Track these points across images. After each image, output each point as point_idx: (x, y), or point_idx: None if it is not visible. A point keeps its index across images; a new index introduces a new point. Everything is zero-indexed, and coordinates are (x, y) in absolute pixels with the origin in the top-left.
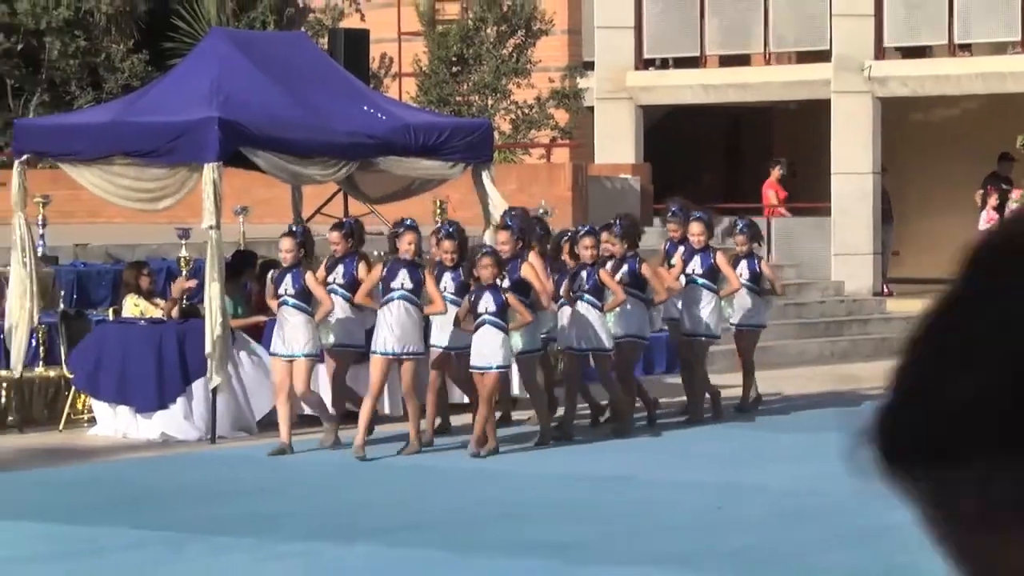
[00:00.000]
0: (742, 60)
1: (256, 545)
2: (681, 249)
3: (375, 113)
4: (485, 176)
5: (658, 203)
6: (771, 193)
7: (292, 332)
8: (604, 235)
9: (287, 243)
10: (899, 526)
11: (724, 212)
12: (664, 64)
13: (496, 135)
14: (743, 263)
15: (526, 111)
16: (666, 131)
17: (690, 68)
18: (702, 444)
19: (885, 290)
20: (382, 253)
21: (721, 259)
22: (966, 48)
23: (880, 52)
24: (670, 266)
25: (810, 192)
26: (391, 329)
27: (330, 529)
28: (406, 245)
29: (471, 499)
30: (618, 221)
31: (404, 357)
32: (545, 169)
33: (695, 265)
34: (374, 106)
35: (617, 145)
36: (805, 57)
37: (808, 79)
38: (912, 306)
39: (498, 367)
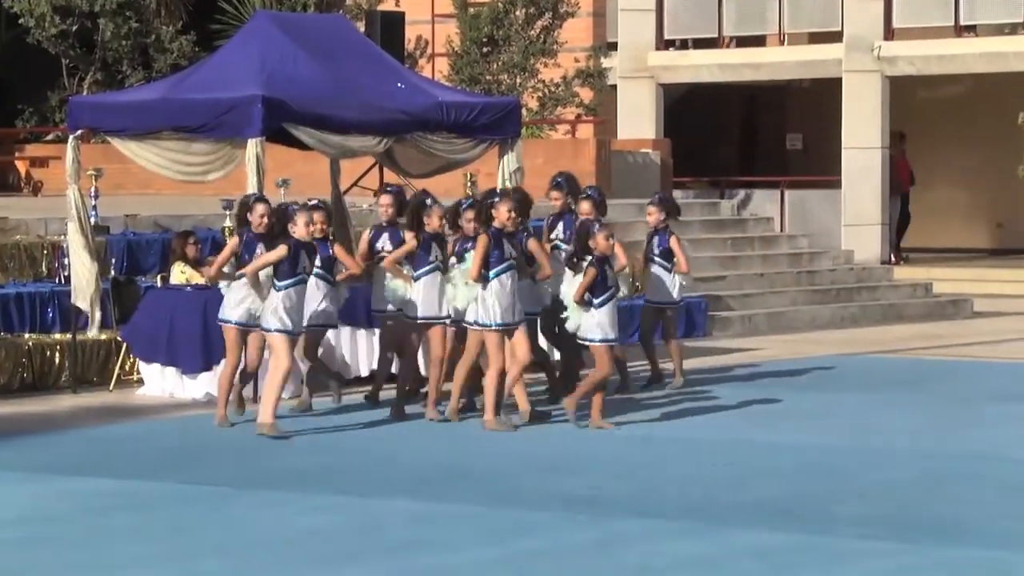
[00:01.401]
0: (758, 41)
1: (300, 499)
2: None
3: (410, 91)
4: (513, 151)
5: (677, 176)
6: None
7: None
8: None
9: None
10: (907, 482)
11: (739, 185)
12: (684, 45)
13: (524, 112)
14: (655, 238)
15: (552, 89)
16: (685, 108)
17: (708, 48)
18: (716, 403)
19: (892, 259)
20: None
21: (674, 242)
22: (971, 29)
23: (889, 33)
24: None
25: (822, 166)
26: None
27: (371, 484)
28: (437, 221)
29: (506, 454)
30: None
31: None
32: (570, 144)
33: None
34: (409, 84)
35: (639, 121)
36: (818, 38)
37: (820, 59)
38: (917, 274)
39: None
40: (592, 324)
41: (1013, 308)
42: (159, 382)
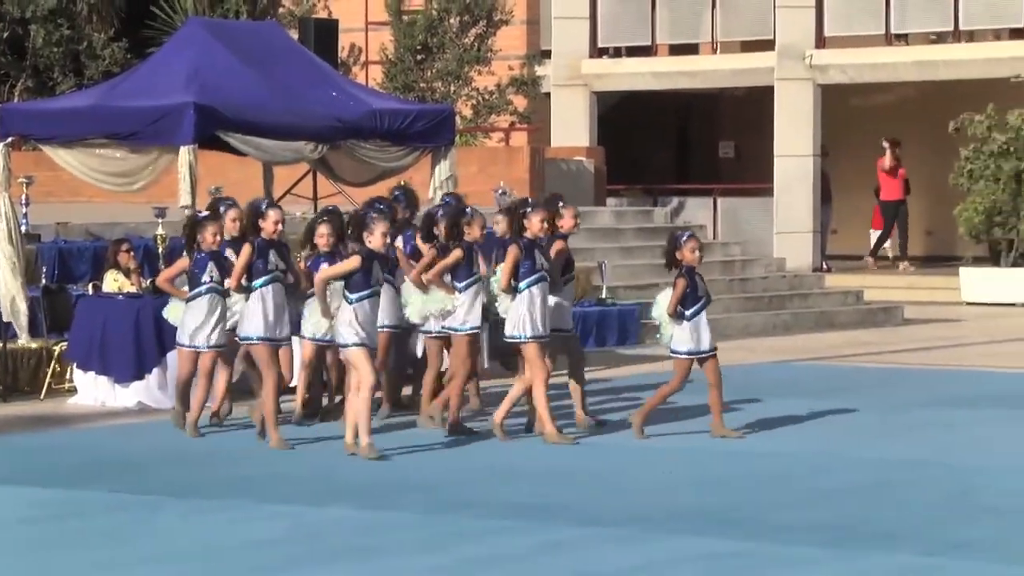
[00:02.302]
0: (691, 49)
1: (239, 507)
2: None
3: (344, 98)
4: (446, 158)
5: (611, 184)
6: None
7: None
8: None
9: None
10: (847, 489)
11: (672, 193)
12: (617, 53)
13: (458, 120)
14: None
15: (487, 97)
16: (619, 116)
17: (642, 56)
18: (663, 412)
19: (824, 266)
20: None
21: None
22: (902, 38)
23: (821, 41)
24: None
25: (754, 174)
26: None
27: (313, 492)
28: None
29: (452, 463)
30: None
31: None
32: (504, 152)
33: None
34: (343, 92)
35: (572, 129)
36: (750, 46)
37: (753, 67)
38: (848, 281)
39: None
40: (683, 336)
41: (943, 315)
42: (92, 391)
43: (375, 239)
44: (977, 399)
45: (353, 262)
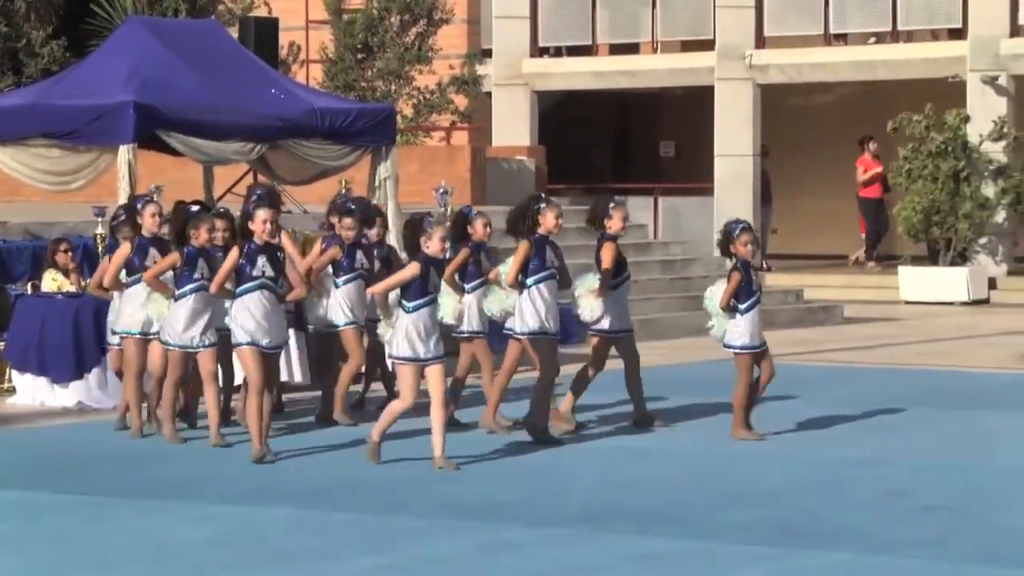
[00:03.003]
0: (632, 49)
1: (180, 508)
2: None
3: (284, 97)
4: (387, 157)
5: (552, 183)
6: (860, 169)
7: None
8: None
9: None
10: (789, 487)
11: (613, 192)
12: (558, 52)
13: (399, 119)
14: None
15: (427, 96)
16: (560, 115)
17: (582, 56)
18: (594, 411)
19: (764, 266)
20: (296, 232)
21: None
22: (841, 38)
23: (760, 41)
24: None
25: (694, 173)
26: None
27: (255, 492)
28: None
29: (394, 463)
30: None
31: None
32: (445, 151)
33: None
34: (283, 91)
35: (513, 128)
36: (690, 46)
37: (693, 67)
38: (788, 280)
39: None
40: (737, 331)
41: (882, 314)
42: (31, 391)
43: (433, 245)
44: (916, 397)
45: (412, 269)
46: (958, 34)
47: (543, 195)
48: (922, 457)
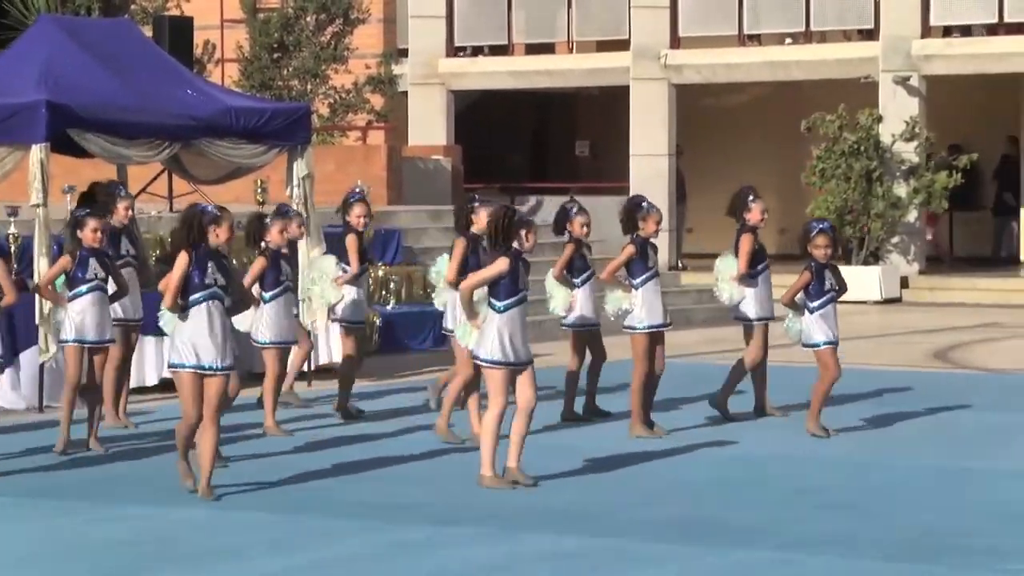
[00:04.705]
0: (548, 48)
1: (88, 509)
2: None
3: (199, 97)
4: (303, 157)
5: (469, 183)
6: None
7: None
8: None
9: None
10: (700, 484)
11: (530, 192)
12: (474, 52)
13: (315, 118)
14: None
15: (344, 95)
16: (476, 115)
17: (499, 55)
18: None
19: (680, 264)
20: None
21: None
22: (755, 38)
23: (675, 41)
24: None
25: (611, 173)
26: None
27: (164, 493)
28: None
29: (308, 463)
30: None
31: None
32: (361, 151)
33: None
34: (197, 90)
35: (430, 128)
36: (606, 46)
37: (609, 67)
38: (704, 279)
39: None
40: (813, 328)
41: None
42: None
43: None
44: (795, 395)
45: (500, 265)
46: (870, 35)
47: (642, 199)
48: (833, 455)
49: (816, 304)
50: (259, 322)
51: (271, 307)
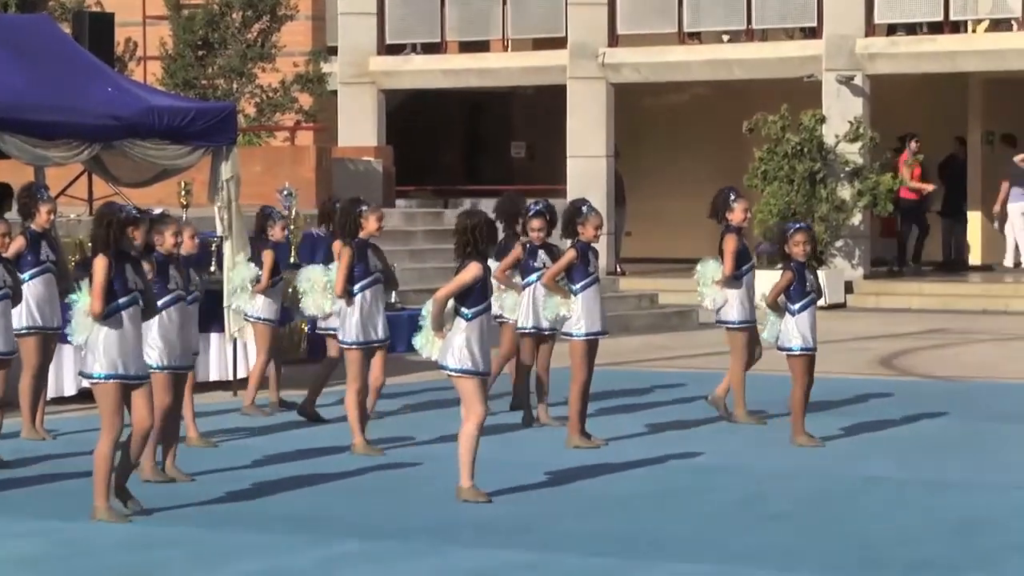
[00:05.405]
0: (482, 46)
1: (1, 523)
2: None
3: (121, 95)
4: (228, 158)
5: (400, 185)
6: (905, 169)
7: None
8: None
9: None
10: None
11: (464, 195)
12: (407, 49)
13: (241, 118)
14: None
15: (271, 95)
16: (408, 115)
17: (431, 54)
18: (446, 421)
19: (618, 269)
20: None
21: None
22: (695, 36)
23: (614, 39)
24: None
25: (547, 175)
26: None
27: (70, 508)
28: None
29: (226, 476)
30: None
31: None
32: (289, 152)
33: None
34: (119, 89)
35: (360, 128)
36: (542, 44)
37: (545, 65)
38: (643, 285)
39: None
40: (792, 331)
41: None
42: None
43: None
44: (769, 403)
45: (474, 270)
46: (813, 33)
47: (583, 204)
48: (773, 464)
49: (797, 306)
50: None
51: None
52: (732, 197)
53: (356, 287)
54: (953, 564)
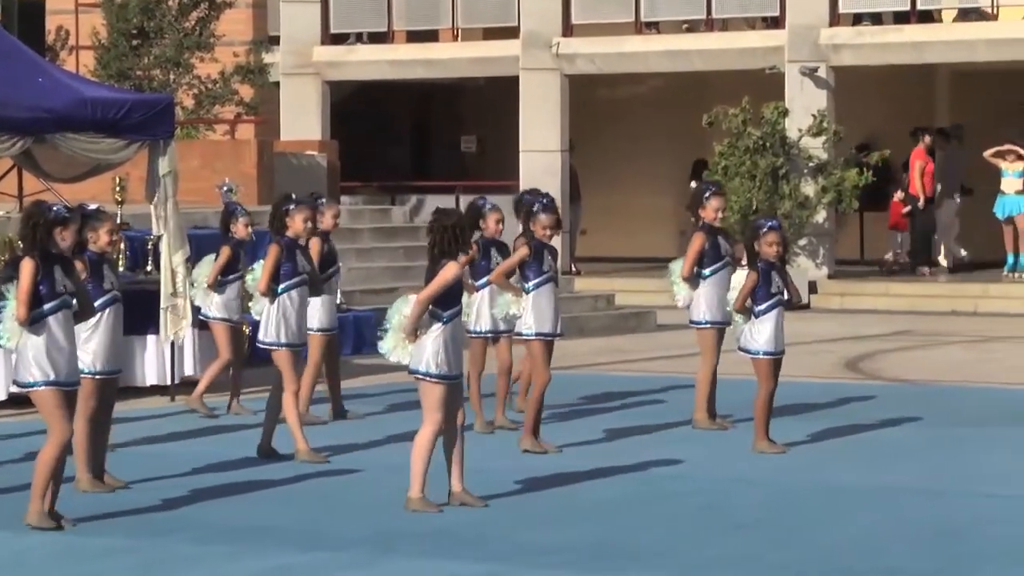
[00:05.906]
0: (431, 36)
1: None
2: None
3: (52, 87)
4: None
5: (345, 181)
6: (919, 164)
7: None
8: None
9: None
10: (608, 502)
11: (412, 191)
12: (353, 39)
13: (178, 110)
14: None
15: (210, 86)
16: (354, 107)
17: (377, 44)
18: (395, 427)
19: (573, 269)
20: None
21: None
22: (653, 26)
23: (568, 29)
24: None
25: (499, 169)
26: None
27: (14, 516)
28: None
29: (163, 485)
30: None
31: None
32: (229, 145)
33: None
34: (51, 79)
35: (303, 121)
36: (493, 34)
37: (496, 56)
38: (599, 285)
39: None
40: (755, 334)
41: None
42: None
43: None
44: (731, 408)
45: (454, 269)
46: (775, 23)
47: (542, 199)
48: (735, 471)
49: (761, 308)
50: None
51: None
52: (707, 194)
53: (281, 287)
54: (922, 572)
